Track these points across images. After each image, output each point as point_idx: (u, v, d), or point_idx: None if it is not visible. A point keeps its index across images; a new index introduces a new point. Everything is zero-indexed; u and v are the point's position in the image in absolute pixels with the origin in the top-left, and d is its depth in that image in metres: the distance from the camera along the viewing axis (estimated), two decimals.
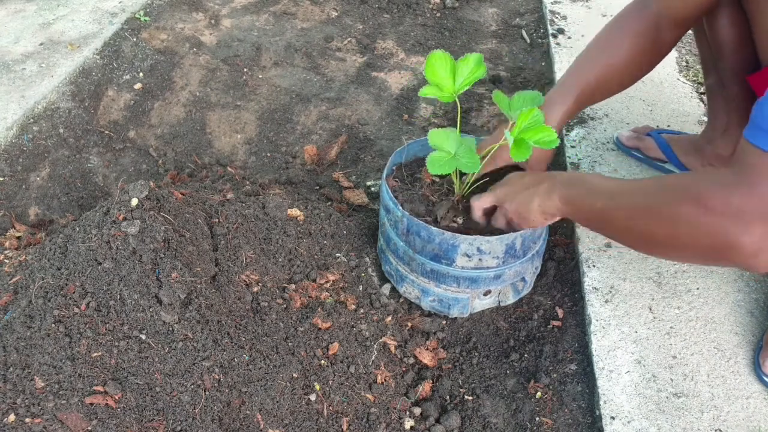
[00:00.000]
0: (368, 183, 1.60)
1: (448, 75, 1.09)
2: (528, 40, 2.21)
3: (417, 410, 1.10)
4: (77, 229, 1.10)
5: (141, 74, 1.85)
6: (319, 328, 1.14)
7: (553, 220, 1.04)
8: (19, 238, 1.32)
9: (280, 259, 1.25)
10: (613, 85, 1.17)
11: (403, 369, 1.17)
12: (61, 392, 0.92)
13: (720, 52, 1.18)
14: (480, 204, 1.11)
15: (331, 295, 1.22)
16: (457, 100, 1.11)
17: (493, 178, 1.16)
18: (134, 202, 1.07)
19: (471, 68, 1.09)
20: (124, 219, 1.05)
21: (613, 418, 1.00)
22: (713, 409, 1.01)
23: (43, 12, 2.00)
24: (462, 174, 1.19)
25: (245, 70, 1.96)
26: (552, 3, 2.28)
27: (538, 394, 1.10)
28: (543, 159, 1.18)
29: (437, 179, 1.25)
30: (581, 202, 0.96)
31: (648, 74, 1.24)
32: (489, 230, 1.16)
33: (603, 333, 1.12)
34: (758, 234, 0.71)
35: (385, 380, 1.11)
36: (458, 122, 1.16)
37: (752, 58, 1.11)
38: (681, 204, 0.78)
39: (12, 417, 0.88)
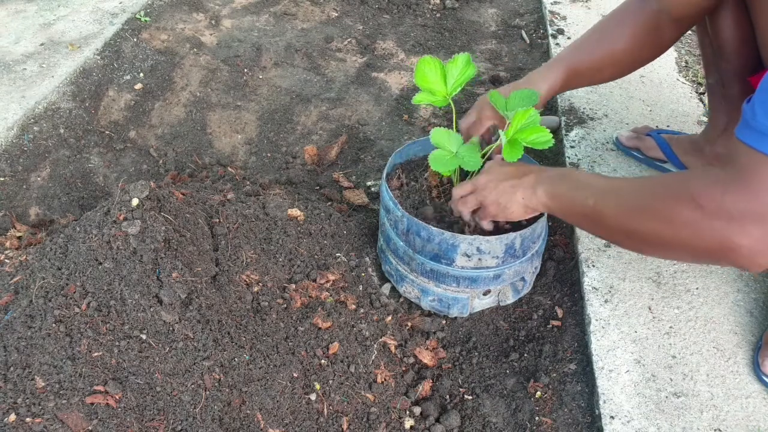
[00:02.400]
0: (368, 183, 1.60)
1: (439, 79, 1.09)
2: (527, 41, 2.22)
3: (417, 410, 1.10)
4: (78, 229, 1.10)
5: (141, 74, 1.86)
6: (320, 328, 1.14)
7: (533, 214, 1.02)
8: (19, 238, 1.33)
9: (280, 259, 1.25)
10: (605, 72, 1.17)
11: (403, 368, 1.17)
12: (61, 392, 0.92)
13: (722, 52, 1.18)
14: (459, 191, 1.08)
15: (331, 295, 1.22)
16: (451, 102, 1.11)
17: None
18: (135, 202, 1.07)
19: (461, 69, 1.08)
20: (125, 219, 1.06)
21: (612, 417, 1.00)
22: (713, 409, 1.01)
23: (43, 12, 2.00)
24: (463, 174, 1.19)
25: (245, 70, 1.97)
26: (552, 3, 2.28)
27: (538, 393, 1.10)
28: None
29: (437, 181, 1.26)
30: (570, 199, 0.93)
31: (648, 74, 1.24)
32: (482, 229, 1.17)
33: (602, 333, 1.13)
34: (755, 235, 0.70)
35: (385, 380, 1.12)
36: (454, 124, 1.16)
37: (754, 58, 1.11)
38: (676, 203, 0.77)
39: (13, 416, 0.88)
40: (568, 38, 2.05)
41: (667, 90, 1.77)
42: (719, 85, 1.26)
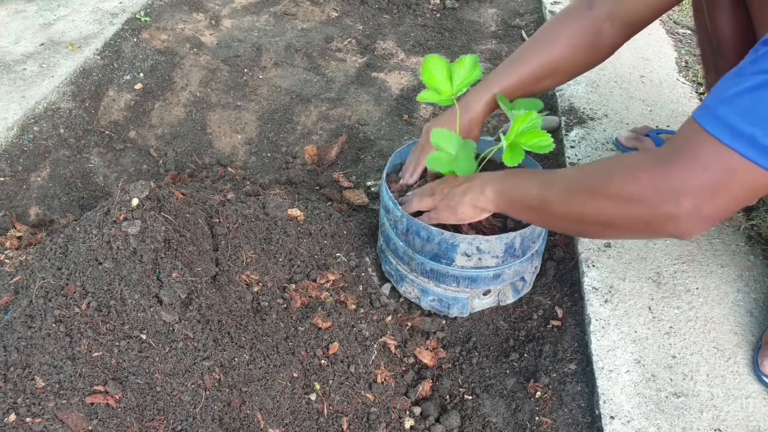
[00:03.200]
0: (368, 183, 1.60)
1: (445, 78, 1.10)
2: None
3: (417, 410, 1.10)
4: (78, 229, 1.10)
5: (141, 74, 1.86)
6: (320, 328, 1.14)
7: (484, 215, 1.05)
8: (19, 238, 1.33)
9: (280, 259, 1.25)
10: (545, 80, 1.16)
11: (403, 368, 1.17)
12: (61, 392, 0.92)
13: (720, 51, 1.18)
14: (420, 191, 1.14)
15: (331, 295, 1.22)
16: (455, 102, 1.11)
17: None
18: (135, 202, 1.07)
19: (467, 70, 1.09)
20: (125, 219, 1.06)
21: (612, 417, 1.00)
22: (713, 409, 1.01)
23: (43, 12, 2.00)
24: None
25: (245, 70, 1.97)
26: (552, 3, 2.28)
27: (538, 393, 1.10)
28: (475, 122, 1.17)
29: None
30: (515, 193, 0.97)
31: (648, 74, 1.24)
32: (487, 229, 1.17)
33: (602, 333, 1.13)
34: (687, 207, 0.74)
35: (385, 380, 1.12)
36: (457, 125, 1.16)
37: None
38: (616, 180, 0.80)
39: (13, 416, 0.88)
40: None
41: (667, 90, 1.77)
42: None
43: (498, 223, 1.18)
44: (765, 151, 0.68)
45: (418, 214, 1.15)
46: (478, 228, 1.16)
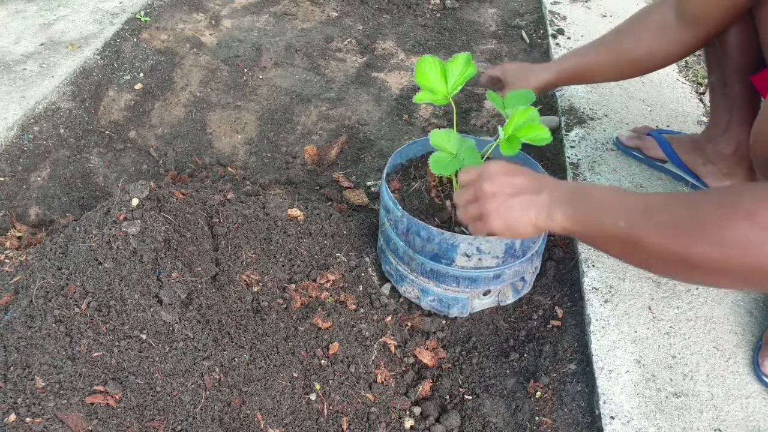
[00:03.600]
0: (368, 183, 1.60)
1: (439, 78, 1.09)
2: (528, 41, 2.22)
3: (417, 410, 1.10)
4: (78, 229, 1.10)
5: (141, 74, 1.86)
6: (320, 328, 1.14)
7: (542, 233, 0.91)
8: (19, 238, 1.33)
9: (280, 259, 1.25)
10: (608, 71, 1.22)
11: (403, 369, 1.17)
12: (61, 392, 0.92)
13: (725, 51, 1.18)
14: (462, 198, 0.97)
15: (331, 295, 1.22)
16: (451, 101, 1.11)
17: None
18: (135, 202, 1.07)
19: (461, 68, 1.09)
20: (125, 219, 1.06)
21: (612, 417, 1.00)
22: (713, 409, 1.01)
23: (43, 12, 2.00)
24: None
25: (245, 70, 1.97)
26: (551, 4, 2.28)
27: (538, 393, 1.10)
28: (528, 82, 1.25)
29: (436, 182, 1.26)
30: (596, 223, 0.80)
31: (647, 74, 1.25)
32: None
33: (602, 333, 1.13)
34: None
35: (385, 380, 1.12)
36: (455, 123, 1.16)
37: (757, 57, 1.11)
38: (728, 221, 0.66)
39: (13, 416, 0.88)
40: (568, 38, 2.05)
41: (667, 90, 1.77)
42: (721, 83, 1.26)
43: None
44: None
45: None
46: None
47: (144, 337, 0.99)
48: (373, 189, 1.58)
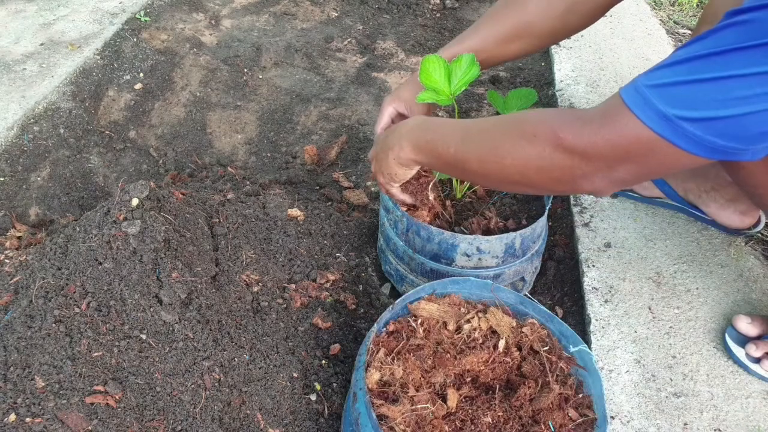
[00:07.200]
0: (368, 183, 1.60)
1: (443, 78, 1.09)
2: None
3: None
4: (78, 229, 1.10)
5: (141, 74, 1.86)
6: (320, 328, 1.14)
7: (414, 168, 1.01)
8: (19, 238, 1.33)
9: (280, 259, 1.25)
10: (514, 42, 1.09)
11: None
12: (61, 392, 0.92)
13: None
14: (374, 174, 1.09)
15: (331, 295, 1.22)
16: (454, 101, 1.11)
17: None
18: (135, 202, 1.07)
19: (465, 69, 1.08)
20: (125, 219, 1.06)
21: (612, 417, 1.00)
22: (713, 409, 1.01)
23: (43, 12, 2.00)
24: None
25: (245, 70, 1.97)
26: None
27: None
28: (424, 110, 1.15)
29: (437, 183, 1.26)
30: (433, 149, 0.92)
31: None
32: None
33: (602, 333, 1.13)
34: (601, 170, 0.75)
35: None
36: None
37: None
38: (535, 139, 0.78)
39: (13, 416, 0.88)
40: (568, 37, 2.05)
41: None
42: None
43: (500, 224, 1.18)
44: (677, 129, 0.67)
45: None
46: (482, 228, 1.16)
47: (144, 337, 0.99)
48: (373, 189, 1.58)
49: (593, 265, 1.25)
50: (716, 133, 0.65)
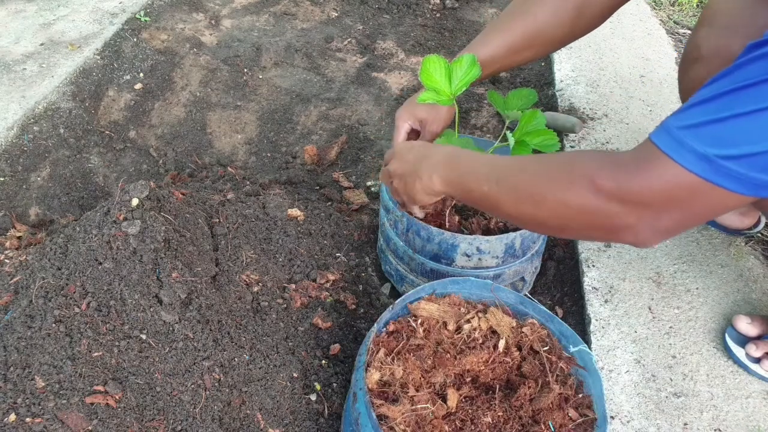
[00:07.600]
0: (368, 183, 1.60)
1: (444, 78, 1.09)
2: None
3: None
4: (78, 229, 1.10)
5: (141, 74, 1.86)
6: (320, 328, 1.14)
7: (439, 198, 1.01)
8: (19, 238, 1.33)
9: (280, 259, 1.25)
10: (524, 51, 1.09)
11: None
12: (61, 392, 0.92)
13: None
14: (383, 179, 1.08)
15: (331, 295, 1.22)
16: (455, 102, 1.11)
17: None
18: (135, 202, 1.07)
19: (465, 69, 1.08)
20: (125, 219, 1.06)
21: (612, 417, 1.00)
22: (713, 409, 1.01)
23: (43, 12, 2.00)
24: None
25: (245, 70, 1.97)
26: None
27: None
28: (441, 119, 1.14)
29: None
30: (465, 185, 0.90)
31: (648, 74, 1.23)
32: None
33: (602, 333, 1.13)
34: (644, 219, 0.72)
35: None
36: (456, 124, 1.16)
37: None
38: (572, 186, 0.75)
39: (13, 416, 0.88)
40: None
41: (667, 90, 1.76)
42: None
43: (500, 224, 1.18)
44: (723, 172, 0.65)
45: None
46: (482, 228, 1.16)
47: (144, 337, 0.99)
48: (373, 189, 1.58)
49: (593, 265, 1.25)
50: (760, 168, 0.63)
